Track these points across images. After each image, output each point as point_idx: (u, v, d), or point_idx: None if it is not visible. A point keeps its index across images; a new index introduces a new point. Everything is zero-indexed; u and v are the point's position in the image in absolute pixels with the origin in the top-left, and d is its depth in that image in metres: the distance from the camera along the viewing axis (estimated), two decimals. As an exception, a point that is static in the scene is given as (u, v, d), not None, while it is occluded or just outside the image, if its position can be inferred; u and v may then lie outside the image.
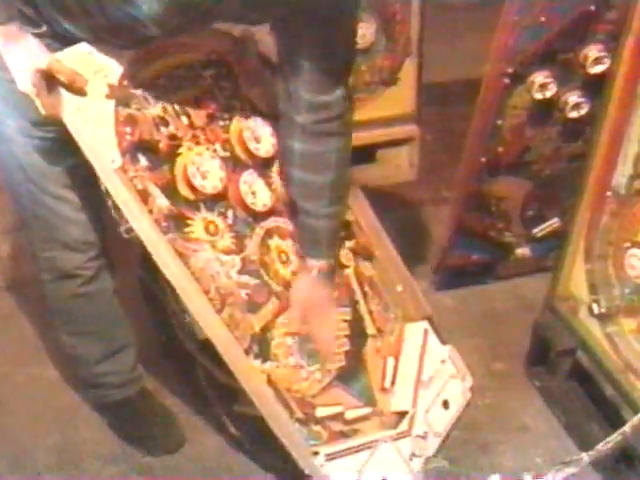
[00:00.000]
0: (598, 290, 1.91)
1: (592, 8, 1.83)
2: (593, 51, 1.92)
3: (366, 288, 1.88)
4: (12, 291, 2.44)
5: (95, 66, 1.52)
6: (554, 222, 2.35)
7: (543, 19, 1.80)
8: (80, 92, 1.48)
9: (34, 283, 2.29)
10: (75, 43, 1.50)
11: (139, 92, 1.59)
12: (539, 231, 2.37)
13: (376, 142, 2.82)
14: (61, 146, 1.53)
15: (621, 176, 1.85)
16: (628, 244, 1.84)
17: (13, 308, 2.38)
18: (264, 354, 1.68)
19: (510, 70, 1.88)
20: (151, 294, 1.95)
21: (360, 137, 2.65)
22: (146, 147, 1.57)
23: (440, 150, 3.05)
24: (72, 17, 1.47)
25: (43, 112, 1.46)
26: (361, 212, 1.90)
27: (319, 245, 1.79)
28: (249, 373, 1.64)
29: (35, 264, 1.80)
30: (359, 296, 1.86)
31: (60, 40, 1.51)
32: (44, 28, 1.50)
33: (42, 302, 1.89)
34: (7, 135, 1.60)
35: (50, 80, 1.44)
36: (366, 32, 2.58)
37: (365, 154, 2.72)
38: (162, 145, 1.60)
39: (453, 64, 3.56)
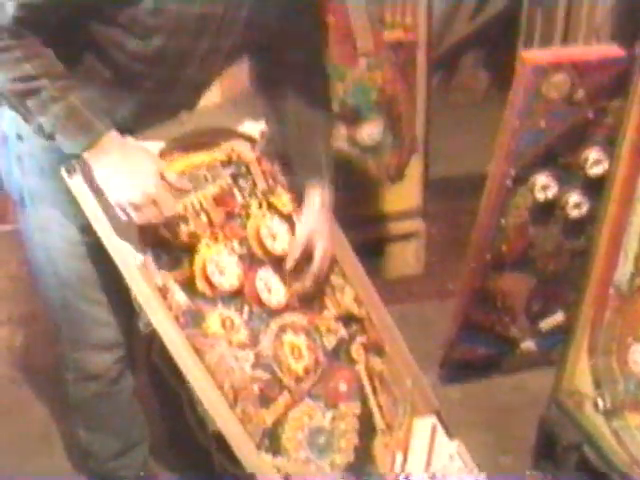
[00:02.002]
0: (603, 385, 1.94)
1: (590, 114, 1.92)
2: (592, 154, 2.00)
3: (376, 383, 1.90)
4: (24, 381, 2.48)
5: None
6: (558, 316, 2.40)
7: (543, 124, 1.88)
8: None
9: (46, 373, 2.34)
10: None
11: None
12: (544, 325, 2.41)
13: (383, 236, 2.91)
14: (99, 250, 1.56)
15: (623, 274, 1.91)
16: (631, 340, 1.89)
17: (24, 398, 2.41)
18: (275, 448, 1.69)
19: (512, 172, 1.96)
20: (164, 383, 1.98)
21: (367, 232, 2.75)
22: (167, 244, 1.62)
23: (446, 243, 3.13)
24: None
25: (139, 220, 1.50)
26: (373, 307, 1.93)
27: (320, 168, 1.79)
28: (261, 467, 1.66)
29: (61, 363, 1.84)
30: (369, 390, 1.88)
31: None
32: None
33: (53, 393, 1.93)
34: (48, 242, 1.66)
35: None
36: (374, 130, 2.69)
37: (372, 248, 2.80)
38: (182, 242, 1.65)
39: (458, 159, 3.69)
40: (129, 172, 1.46)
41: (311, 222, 1.79)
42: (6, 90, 1.41)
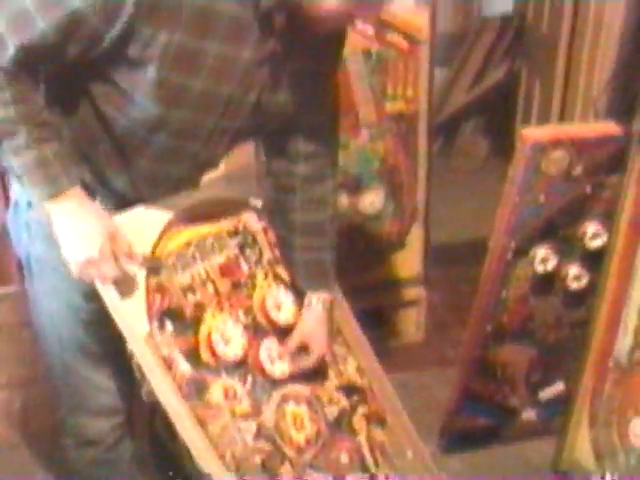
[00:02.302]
0: (604, 457, 1.94)
1: (588, 189, 1.96)
2: (591, 227, 2.04)
3: (377, 454, 1.90)
4: (22, 445, 2.47)
5: (128, 236, 1.58)
6: (558, 386, 2.41)
7: (543, 199, 1.92)
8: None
9: (45, 438, 2.33)
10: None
11: (170, 261, 1.66)
12: (544, 395, 2.42)
13: (384, 304, 2.93)
14: (101, 317, 1.57)
15: (622, 347, 1.93)
16: (632, 413, 1.90)
17: (23, 462, 2.39)
18: (278, 519, 1.70)
19: (513, 245, 1.99)
20: (166, 451, 1.98)
21: (368, 299, 2.77)
22: (173, 314, 1.64)
23: (446, 311, 3.14)
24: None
25: (77, 276, 1.50)
26: (375, 377, 1.94)
27: (326, 275, 1.83)
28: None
29: (61, 428, 1.84)
30: (370, 462, 1.89)
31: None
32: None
33: (52, 457, 1.92)
34: (53, 308, 1.67)
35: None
36: (375, 199, 2.73)
37: (373, 315, 2.81)
38: (188, 312, 1.66)
39: (459, 225, 3.73)
40: (78, 231, 1.48)
41: (311, 326, 1.82)
42: None
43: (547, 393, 2.43)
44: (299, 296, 1.84)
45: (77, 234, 1.48)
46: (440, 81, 4.41)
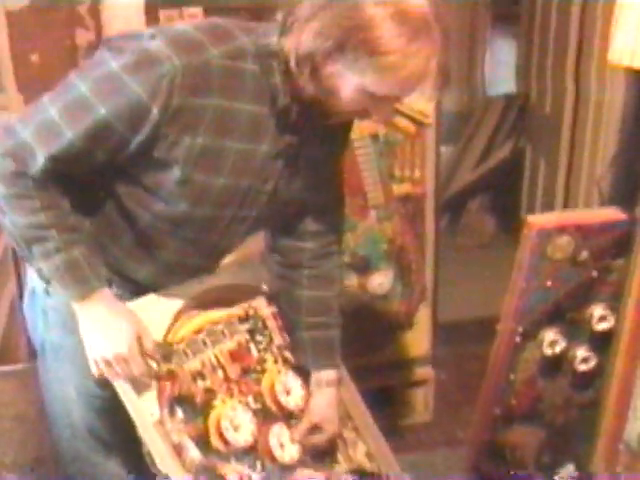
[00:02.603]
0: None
1: (594, 273, 1.98)
2: (598, 310, 2.04)
3: (387, 537, 1.90)
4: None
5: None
6: (569, 469, 2.38)
7: (550, 284, 1.94)
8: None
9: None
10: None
11: (181, 347, 1.69)
12: (555, 478, 2.39)
13: (392, 384, 2.92)
14: (114, 405, 1.60)
15: (632, 430, 1.93)
16: (644, 498, 1.89)
17: None
18: None
19: (520, 329, 2.00)
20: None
21: (376, 379, 2.77)
22: (183, 400, 1.65)
23: (455, 390, 3.13)
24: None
25: (109, 375, 1.56)
26: (385, 461, 1.93)
27: (333, 353, 1.83)
28: None
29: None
30: None
31: None
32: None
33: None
34: (66, 394, 1.70)
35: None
36: (384, 280, 2.75)
37: (381, 395, 2.80)
38: (198, 398, 1.68)
39: (466, 303, 3.73)
40: (107, 329, 1.53)
41: (322, 407, 1.83)
42: (17, 233, 1.49)
43: (558, 476, 2.40)
44: (308, 379, 1.85)
45: (106, 333, 1.53)
46: (446, 159, 4.48)
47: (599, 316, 2.04)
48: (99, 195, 1.58)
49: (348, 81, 1.39)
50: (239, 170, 1.52)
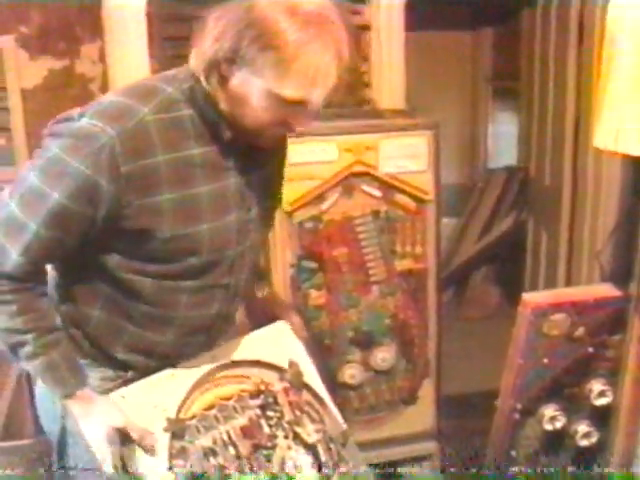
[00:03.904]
0: None
1: (590, 349, 2.01)
2: (596, 385, 2.06)
3: None
4: None
5: (155, 400, 1.65)
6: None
7: (546, 361, 1.96)
8: (151, 450, 1.61)
9: None
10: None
11: (193, 422, 1.70)
12: None
13: (398, 459, 2.91)
14: None
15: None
16: None
17: None
18: None
19: (519, 406, 2.01)
20: None
21: (382, 455, 2.77)
22: (195, 478, 1.65)
23: (460, 463, 3.11)
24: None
25: (111, 468, 1.56)
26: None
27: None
28: None
29: None
30: None
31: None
32: (109, 372, 1.65)
33: None
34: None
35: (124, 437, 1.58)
36: (387, 355, 2.77)
37: (387, 471, 2.80)
38: (210, 476, 1.68)
39: (470, 376, 3.72)
40: (98, 414, 1.56)
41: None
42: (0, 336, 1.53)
43: None
44: (318, 457, 1.86)
45: (98, 416, 1.56)
46: (449, 231, 4.53)
47: (598, 391, 2.07)
48: (94, 280, 1.60)
49: (254, 86, 1.42)
50: (219, 210, 1.55)
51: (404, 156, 2.65)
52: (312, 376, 1.92)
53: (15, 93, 2.76)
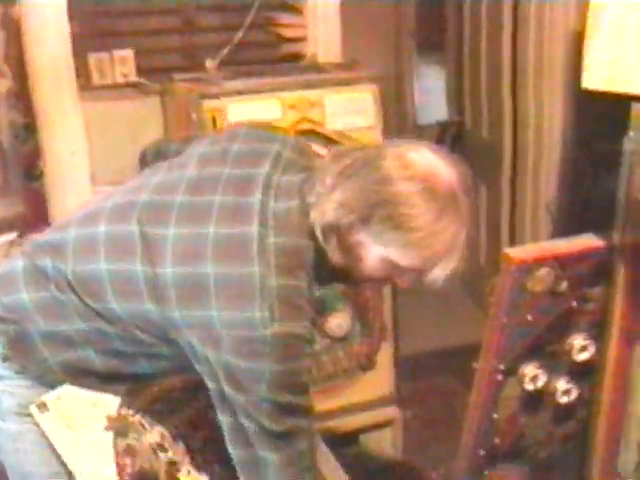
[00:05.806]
0: None
1: (573, 303, 1.92)
2: (577, 340, 1.98)
3: None
4: None
5: (93, 399, 1.54)
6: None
7: (530, 318, 1.87)
8: None
9: None
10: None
11: (136, 419, 1.59)
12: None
13: (358, 427, 2.82)
14: None
15: (626, 462, 1.86)
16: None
17: None
18: None
19: (502, 367, 1.92)
20: None
21: (341, 423, 2.67)
22: (146, 476, 1.56)
23: (420, 427, 3.05)
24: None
25: None
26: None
27: None
28: None
29: None
30: None
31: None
32: None
33: None
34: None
35: None
36: (342, 321, 2.65)
37: (348, 439, 2.72)
38: (162, 473, 1.58)
39: (424, 336, 3.65)
40: None
41: None
42: None
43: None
44: None
45: None
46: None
47: (579, 346, 1.98)
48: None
49: (373, 251, 1.39)
50: None
51: (351, 112, 2.52)
52: None
53: None
